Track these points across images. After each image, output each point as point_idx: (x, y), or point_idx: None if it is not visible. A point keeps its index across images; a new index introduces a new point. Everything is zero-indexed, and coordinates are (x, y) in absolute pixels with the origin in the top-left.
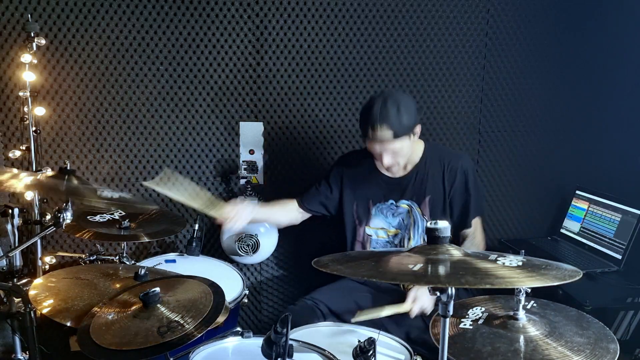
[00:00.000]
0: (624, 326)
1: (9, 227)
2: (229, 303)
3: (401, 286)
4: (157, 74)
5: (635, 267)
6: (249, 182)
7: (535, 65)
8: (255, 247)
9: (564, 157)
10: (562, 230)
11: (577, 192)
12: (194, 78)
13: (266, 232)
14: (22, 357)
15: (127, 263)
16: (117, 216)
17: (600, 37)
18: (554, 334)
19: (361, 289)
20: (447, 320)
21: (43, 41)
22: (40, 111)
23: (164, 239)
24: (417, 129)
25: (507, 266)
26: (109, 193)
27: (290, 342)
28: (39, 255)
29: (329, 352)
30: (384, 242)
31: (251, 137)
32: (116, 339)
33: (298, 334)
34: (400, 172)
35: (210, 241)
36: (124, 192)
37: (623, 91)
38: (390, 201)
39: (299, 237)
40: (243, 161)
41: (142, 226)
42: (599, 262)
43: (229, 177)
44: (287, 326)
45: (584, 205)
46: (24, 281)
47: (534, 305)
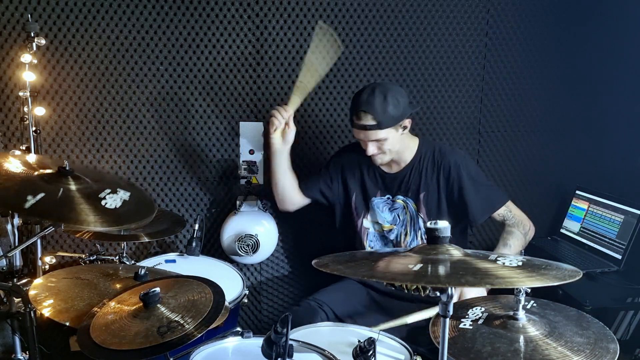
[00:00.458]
0: (624, 326)
1: (9, 227)
2: (229, 303)
3: (404, 288)
4: (157, 74)
5: (635, 267)
6: (249, 182)
7: (535, 65)
8: (255, 247)
9: (564, 157)
10: (562, 230)
11: (577, 192)
12: (194, 78)
13: (266, 232)
14: (22, 357)
15: (127, 263)
16: None
17: (600, 37)
18: (553, 334)
19: (364, 290)
20: (447, 320)
21: (43, 41)
22: (40, 111)
23: (164, 239)
24: (407, 123)
25: (507, 266)
26: None
27: (290, 342)
28: (39, 255)
29: (329, 352)
30: (379, 236)
31: (251, 137)
32: (116, 339)
33: (298, 334)
34: (396, 167)
35: (210, 241)
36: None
37: (623, 91)
38: (387, 196)
39: (299, 237)
40: (243, 161)
41: (142, 226)
42: (599, 262)
43: (229, 177)
44: (287, 326)
45: (584, 205)
46: (24, 281)
47: (534, 305)
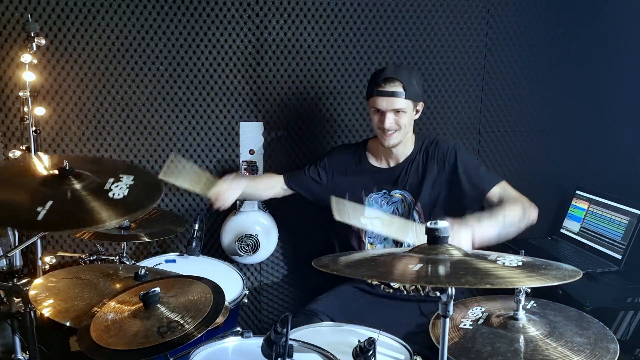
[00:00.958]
0: (624, 326)
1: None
2: (229, 303)
3: (403, 289)
4: (157, 74)
5: (635, 267)
6: None
7: (535, 65)
8: (255, 247)
9: (564, 157)
10: (562, 230)
11: (577, 192)
12: (194, 78)
13: (266, 232)
14: (22, 357)
15: (127, 263)
16: None
17: (601, 37)
18: (554, 334)
19: (360, 295)
20: (447, 320)
21: (43, 41)
22: (40, 111)
23: (164, 239)
24: (420, 107)
25: (507, 266)
26: None
27: (290, 342)
28: (39, 255)
29: (329, 352)
30: (379, 232)
31: (251, 137)
32: (116, 339)
33: (298, 334)
34: (393, 162)
35: (210, 241)
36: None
37: (623, 91)
38: (384, 191)
39: (299, 237)
40: (243, 161)
41: (142, 226)
42: (599, 262)
43: None
44: (287, 326)
45: (584, 205)
46: (24, 281)
47: (534, 305)
